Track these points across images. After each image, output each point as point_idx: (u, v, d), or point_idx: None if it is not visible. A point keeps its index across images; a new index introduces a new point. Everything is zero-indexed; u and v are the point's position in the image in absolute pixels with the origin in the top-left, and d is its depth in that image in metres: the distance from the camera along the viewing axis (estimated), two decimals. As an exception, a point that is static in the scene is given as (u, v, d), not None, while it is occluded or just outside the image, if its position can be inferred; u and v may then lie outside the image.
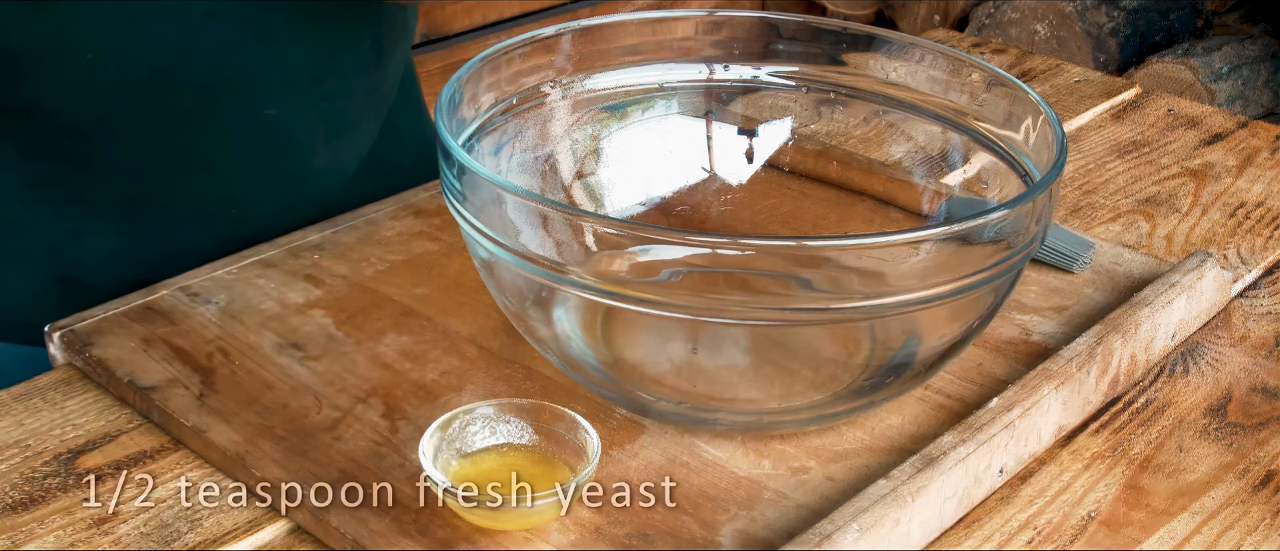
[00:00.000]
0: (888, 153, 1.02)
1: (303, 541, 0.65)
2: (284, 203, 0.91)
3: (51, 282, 0.89)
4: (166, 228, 0.89)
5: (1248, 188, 1.00)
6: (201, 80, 0.83)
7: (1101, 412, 0.75)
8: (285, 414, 0.71)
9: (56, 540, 0.64)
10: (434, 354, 0.76)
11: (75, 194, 0.86)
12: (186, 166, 0.87)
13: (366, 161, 0.97)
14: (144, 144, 0.85)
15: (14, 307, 0.89)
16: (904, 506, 0.63)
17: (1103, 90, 1.17)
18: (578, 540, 0.63)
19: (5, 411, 0.73)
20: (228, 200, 0.90)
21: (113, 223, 0.88)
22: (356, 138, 0.95)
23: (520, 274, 0.67)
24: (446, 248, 0.86)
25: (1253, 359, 0.80)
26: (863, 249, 0.67)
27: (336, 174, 0.94)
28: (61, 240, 0.88)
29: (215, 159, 0.88)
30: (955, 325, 0.68)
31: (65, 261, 0.88)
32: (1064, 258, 0.85)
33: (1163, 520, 0.67)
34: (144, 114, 0.83)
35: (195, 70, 0.83)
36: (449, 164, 0.68)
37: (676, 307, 0.65)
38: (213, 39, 0.82)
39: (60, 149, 0.85)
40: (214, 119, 0.86)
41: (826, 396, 0.72)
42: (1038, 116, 0.74)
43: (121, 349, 0.76)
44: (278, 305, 0.80)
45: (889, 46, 0.83)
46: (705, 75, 0.86)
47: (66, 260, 0.88)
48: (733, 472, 0.68)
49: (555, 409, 0.66)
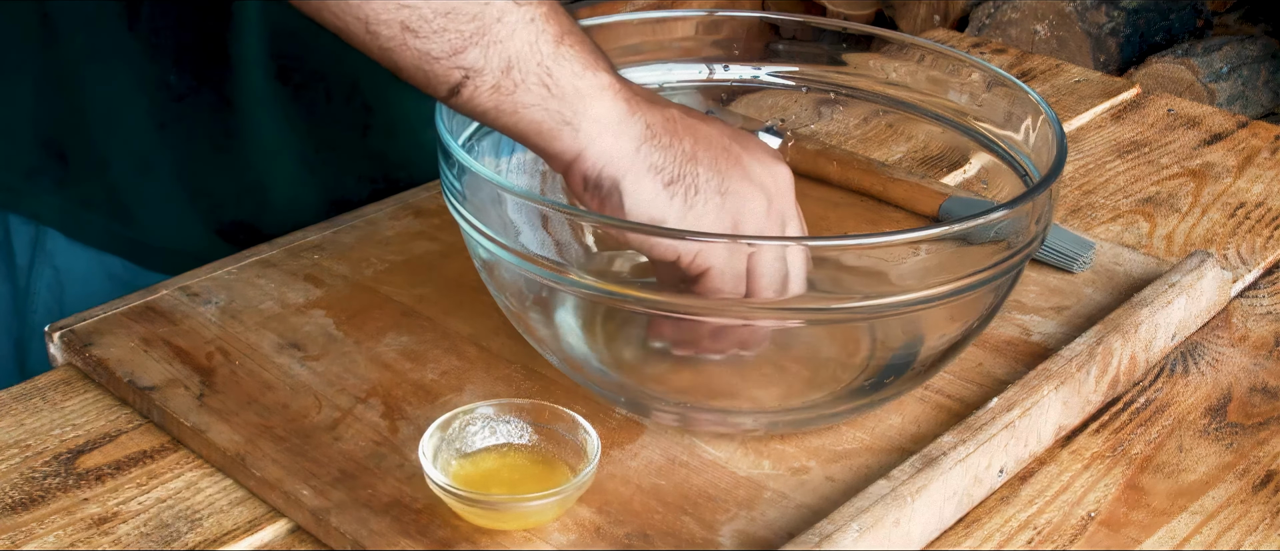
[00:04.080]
0: (888, 153, 1.02)
1: (303, 541, 0.65)
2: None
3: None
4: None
5: (1248, 188, 1.00)
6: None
7: (1101, 412, 0.75)
8: (285, 414, 0.71)
9: (56, 540, 0.64)
10: (434, 354, 0.76)
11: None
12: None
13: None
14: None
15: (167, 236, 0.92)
16: (904, 506, 0.63)
17: (1103, 90, 1.17)
18: (578, 540, 0.63)
19: (5, 411, 0.73)
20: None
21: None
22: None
23: (520, 274, 0.67)
24: (446, 247, 0.86)
25: (1253, 359, 0.80)
26: (863, 249, 0.67)
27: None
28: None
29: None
30: (955, 325, 0.68)
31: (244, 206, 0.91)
32: (1064, 258, 0.85)
33: (1163, 520, 0.67)
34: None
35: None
36: (449, 164, 0.68)
37: (676, 308, 0.65)
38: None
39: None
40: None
41: (826, 396, 0.72)
42: (1038, 116, 0.74)
43: (121, 349, 0.76)
44: (278, 305, 0.80)
45: (889, 46, 0.83)
46: (705, 75, 0.86)
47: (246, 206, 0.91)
48: (733, 472, 0.68)
49: (555, 409, 0.66)
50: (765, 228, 0.67)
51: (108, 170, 0.89)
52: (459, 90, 0.63)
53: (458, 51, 0.62)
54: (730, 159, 0.66)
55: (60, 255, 0.92)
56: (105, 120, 0.88)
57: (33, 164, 0.90)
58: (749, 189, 0.66)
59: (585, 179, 0.65)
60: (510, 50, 0.62)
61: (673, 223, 0.65)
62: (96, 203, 0.90)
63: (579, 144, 0.64)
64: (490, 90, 0.63)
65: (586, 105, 0.64)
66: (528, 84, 0.63)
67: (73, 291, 0.92)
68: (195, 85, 0.87)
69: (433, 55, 0.62)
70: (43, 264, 0.92)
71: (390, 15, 0.61)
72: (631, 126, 0.64)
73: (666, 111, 0.66)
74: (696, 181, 0.65)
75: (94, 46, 0.86)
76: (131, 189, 0.90)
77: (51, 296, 0.92)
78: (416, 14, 0.61)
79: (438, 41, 0.62)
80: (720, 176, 0.66)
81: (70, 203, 0.90)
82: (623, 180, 0.64)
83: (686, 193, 0.65)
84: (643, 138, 0.64)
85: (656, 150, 0.65)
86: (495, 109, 0.64)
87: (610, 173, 0.64)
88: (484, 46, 0.62)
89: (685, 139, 0.66)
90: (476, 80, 0.63)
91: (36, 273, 0.92)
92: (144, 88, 0.87)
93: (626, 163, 0.64)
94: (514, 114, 0.64)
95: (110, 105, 0.87)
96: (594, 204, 0.65)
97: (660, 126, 0.65)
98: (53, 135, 0.89)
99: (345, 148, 0.92)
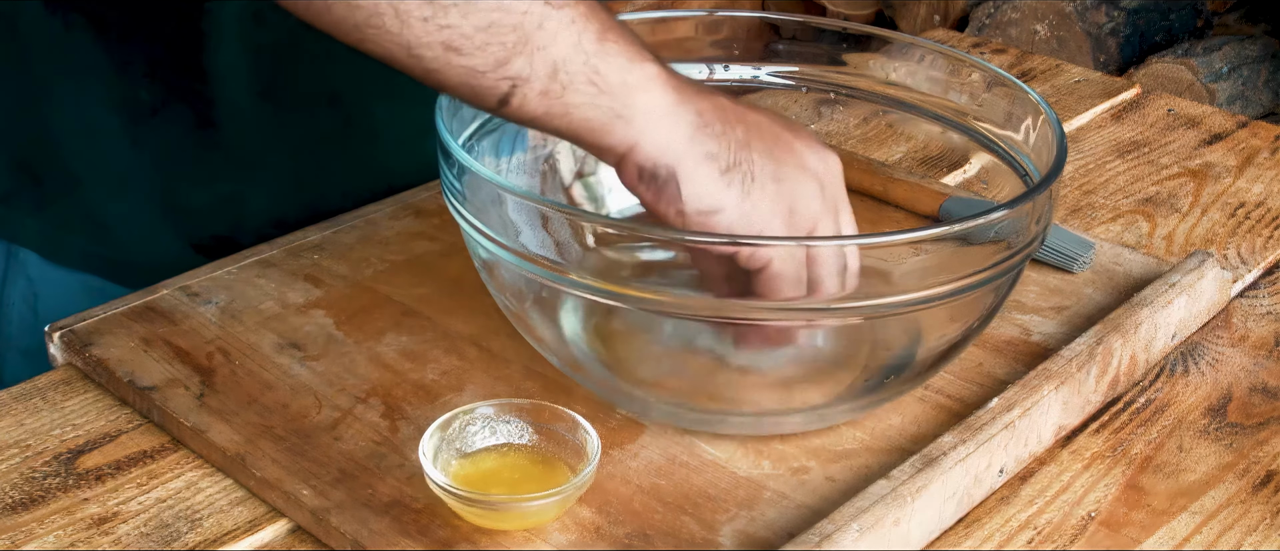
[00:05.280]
0: (888, 153, 1.02)
1: (303, 541, 0.65)
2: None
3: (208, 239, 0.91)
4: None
5: (1248, 188, 1.00)
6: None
7: (1101, 412, 0.75)
8: (285, 414, 0.71)
9: (56, 540, 0.64)
10: (434, 354, 0.76)
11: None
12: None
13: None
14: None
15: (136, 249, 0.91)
16: (904, 506, 0.63)
17: (1103, 90, 1.17)
18: (578, 540, 0.63)
19: (5, 411, 0.73)
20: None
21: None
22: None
23: (520, 274, 0.67)
24: (446, 247, 0.86)
25: (1253, 359, 0.80)
26: (863, 249, 0.67)
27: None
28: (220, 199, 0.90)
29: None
30: (955, 325, 0.68)
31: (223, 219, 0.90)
32: (1064, 258, 0.85)
33: (1163, 520, 0.67)
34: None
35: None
36: (449, 164, 0.68)
37: (676, 308, 0.65)
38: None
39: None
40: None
41: (826, 396, 0.72)
42: (1038, 116, 0.74)
43: (121, 349, 0.76)
44: (278, 305, 0.80)
45: (889, 46, 0.83)
46: (705, 75, 0.86)
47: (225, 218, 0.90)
48: (733, 472, 0.68)
49: (555, 409, 0.66)
50: (821, 214, 0.66)
51: (82, 188, 0.88)
52: (508, 100, 0.63)
53: (502, 63, 0.62)
54: (783, 146, 0.66)
55: (33, 266, 0.91)
56: (77, 138, 0.87)
57: (7, 187, 0.89)
58: (803, 175, 0.66)
59: (640, 170, 0.64)
60: (555, 54, 0.62)
61: (731, 210, 0.64)
62: (73, 224, 0.89)
63: (632, 136, 0.63)
64: (539, 96, 0.62)
65: (636, 97, 0.63)
66: (576, 85, 0.62)
67: (47, 304, 0.91)
68: (168, 99, 0.86)
69: (478, 70, 0.62)
70: (16, 275, 0.91)
71: (431, 37, 0.61)
72: (684, 115, 0.64)
73: (716, 100, 0.66)
74: (752, 169, 0.65)
75: (62, 63, 0.85)
76: (107, 207, 0.89)
77: (26, 307, 0.92)
78: (457, 32, 0.61)
79: (482, 56, 0.61)
80: (775, 163, 0.65)
81: (48, 226, 0.90)
82: (679, 168, 0.63)
83: (743, 180, 0.64)
84: (696, 126, 0.64)
85: (710, 138, 0.64)
86: (546, 113, 0.63)
87: (666, 162, 0.63)
88: (528, 55, 0.62)
89: (737, 127, 0.65)
90: (525, 89, 0.62)
91: (10, 284, 0.92)
92: (115, 104, 0.86)
93: (682, 151, 0.64)
94: (565, 116, 0.63)
95: (81, 122, 0.86)
96: (650, 196, 0.64)
97: (712, 114, 0.65)
98: (25, 157, 0.89)
99: (326, 159, 0.91)
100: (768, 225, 0.64)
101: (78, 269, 0.90)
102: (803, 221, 0.66)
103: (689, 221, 0.64)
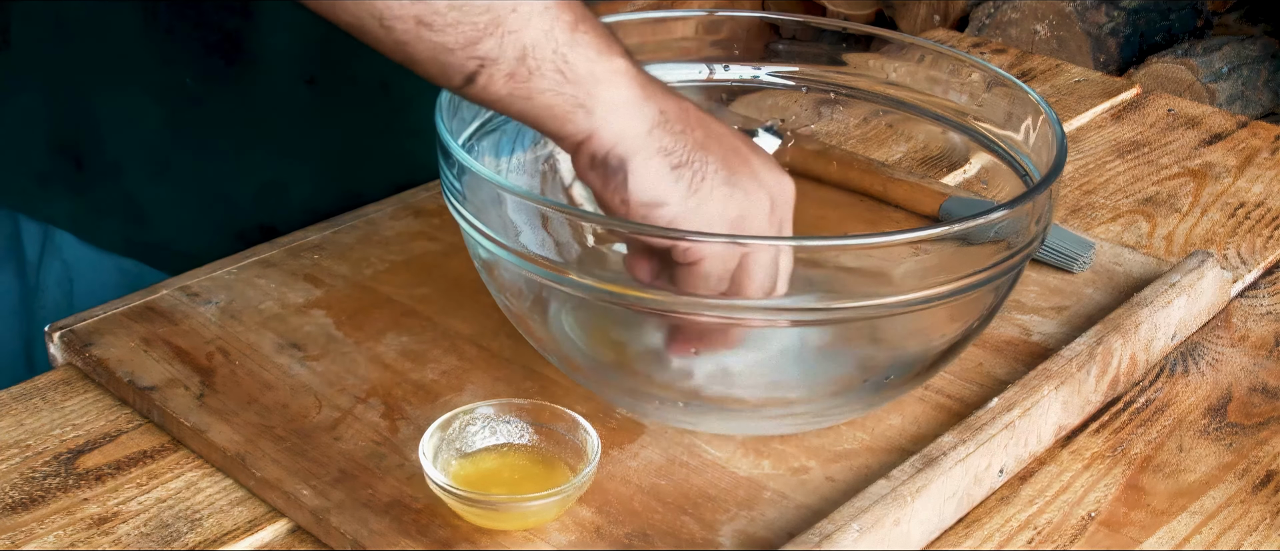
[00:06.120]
0: (888, 153, 1.02)
1: (303, 541, 0.65)
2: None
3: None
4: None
5: (1248, 188, 1.00)
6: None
7: (1101, 412, 0.75)
8: (285, 414, 0.71)
9: (56, 540, 0.64)
10: (434, 354, 0.76)
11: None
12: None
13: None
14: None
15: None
16: (904, 506, 0.63)
17: (1103, 90, 1.17)
18: (578, 540, 0.63)
19: (5, 411, 0.73)
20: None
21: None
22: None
23: (520, 274, 0.67)
24: (446, 247, 0.86)
25: (1253, 359, 0.80)
26: (863, 249, 0.67)
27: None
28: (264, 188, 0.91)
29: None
30: (955, 325, 0.68)
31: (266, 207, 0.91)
32: (1064, 258, 0.85)
33: (1163, 520, 0.67)
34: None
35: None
36: (449, 164, 0.68)
37: (676, 308, 0.65)
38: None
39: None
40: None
41: (826, 396, 0.72)
42: (1038, 116, 0.74)
43: (121, 349, 0.76)
44: (278, 305, 0.80)
45: (889, 46, 0.83)
46: (705, 75, 0.86)
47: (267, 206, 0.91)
48: (733, 472, 0.68)
49: (555, 409, 0.66)
50: (767, 229, 0.67)
51: (122, 175, 0.89)
52: (474, 79, 0.63)
53: (473, 42, 0.62)
54: (740, 158, 0.67)
55: (69, 249, 0.91)
56: (119, 124, 0.88)
57: (45, 168, 0.90)
58: (755, 187, 0.66)
59: (593, 157, 0.64)
60: (525, 39, 0.62)
61: (675, 205, 0.64)
62: (111, 208, 0.90)
63: (592, 124, 0.64)
64: (505, 78, 0.63)
65: (601, 89, 0.64)
66: (543, 71, 0.63)
67: (82, 286, 0.92)
68: (212, 87, 0.87)
69: (448, 47, 0.62)
70: (52, 257, 0.92)
71: (405, 10, 0.61)
72: (646, 111, 0.64)
73: (682, 103, 0.66)
74: (705, 170, 0.65)
75: (108, 49, 0.86)
76: (147, 193, 0.89)
77: (60, 291, 0.92)
78: (430, 8, 0.61)
79: (452, 34, 0.62)
80: (729, 170, 0.66)
81: (84, 208, 0.90)
82: (630, 159, 0.64)
83: (693, 179, 0.65)
84: (655, 122, 0.64)
85: (668, 135, 0.64)
86: (509, 95, 0.63)
87: (619, 152, 0.64)
88: (499, 37, 0.62)
89: (698, 130, 0.66)
90: (491, 69, 0.63)
91: (46, 267, 0.92)
92: (159, 91, 0.86)
93: (637, 143, 0.64)
94: (527, 100, 0.64)
95: (125, 109, 0.87)
96: (598, 182, 0.65)
97: (675, 114, 0.65)
98: (66, 140, 0.89)
99: (369, 148, 0.92)
100: (711, 226, 0.65)
101: (115, 252, 0.91)
102: (748, 231, 0.66)
103: (633, 212, 0.64)
